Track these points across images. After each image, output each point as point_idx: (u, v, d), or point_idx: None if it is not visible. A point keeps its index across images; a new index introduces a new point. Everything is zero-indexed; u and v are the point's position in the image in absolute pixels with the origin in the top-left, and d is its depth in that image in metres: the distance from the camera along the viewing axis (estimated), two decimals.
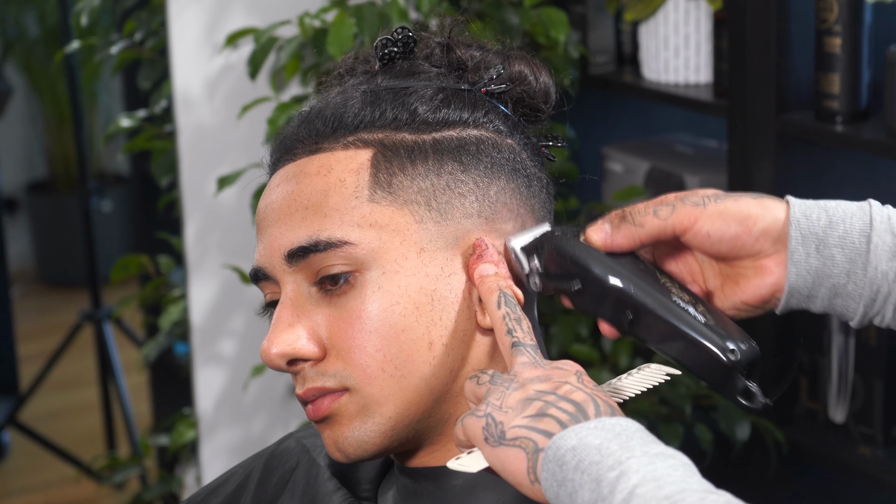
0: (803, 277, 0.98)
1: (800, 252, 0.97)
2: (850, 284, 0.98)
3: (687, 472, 0.82)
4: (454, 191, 1.02)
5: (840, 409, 2.01)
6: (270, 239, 1.02)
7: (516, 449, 0.88)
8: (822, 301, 0.99)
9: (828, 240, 0.97)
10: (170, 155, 2.23)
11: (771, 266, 0.99)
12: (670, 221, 0.99)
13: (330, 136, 1.03)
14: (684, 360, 0.97)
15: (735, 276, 1.01)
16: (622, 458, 0.83)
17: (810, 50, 1.92)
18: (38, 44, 4.62)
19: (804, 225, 0.97)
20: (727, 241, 0.98)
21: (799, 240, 0.97)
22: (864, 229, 0.97)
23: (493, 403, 0.91)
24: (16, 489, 3.51)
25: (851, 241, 0.97)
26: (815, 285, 0.98)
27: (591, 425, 0.86)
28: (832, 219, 0.97)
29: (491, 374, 0.95)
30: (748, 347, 0.96)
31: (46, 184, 4.86)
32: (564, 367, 0.93)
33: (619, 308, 0.99)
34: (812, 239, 0.97)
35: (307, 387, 1.01)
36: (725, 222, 0.98)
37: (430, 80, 1.06)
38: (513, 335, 0.96)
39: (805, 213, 0.98)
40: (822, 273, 0.98)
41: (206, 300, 2.27)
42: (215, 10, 2.16)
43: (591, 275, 0.99)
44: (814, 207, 0.98)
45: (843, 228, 0.97)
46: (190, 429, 2.31)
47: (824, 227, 0.97)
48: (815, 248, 0.97)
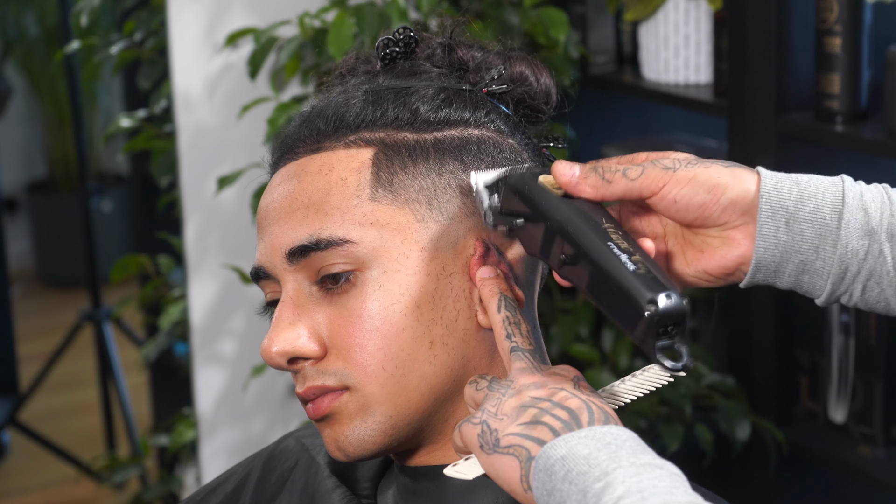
0: (771, 252, 0.96)
1: (769, 226, 0.95)
2: (818, 261, 0.95)
3: (673, 483, 0.82)
4: (456, 190, 1.02)
5: (840, 409, 2.01)
6: (271, 238, 1.02)
7: (510, 457, 0.88)
8: (789, 277, 0.97)
9: (798, 214, 0.95)
10: (170, 155, 2.23)
11: (739, 238, 0.96)
12: (637, 183, 0.96)
13: (331, 136, 1.03)
14: (607, 307, 0.92)
15: (699, 245, 0.98)
16: (609, 468, 0.83)
17: (810, 50, 1.92)
18: (38, 44, 4.62)
19: (775, 198, 0.95)
20: (693, 209, 0.96)
21: (769, 213, 0.95)
22: (836, 205, 0.95)
23: (489, 410, 0.92)
24: (16, 489, 3.51)
25: (822, 216, 0.95)
26: (782, 261, 0.96)
27: (581, 434, 0.86)
28: (804, 193, 0.95)
29: (489, 380, 0.96)
30: (674, 303, 0.89)
31: (46, 184, 4.86)
32: (561, 373, 0.93)
33: (556, 246, 0.95)
34: (782, 213, 0.95)
35: (307, 385, 1.01)
36: (693, 189, 0.95)
37: (431, 80, 1.06)
38: (511, 340, 0.96)
39: (776, 186, 0.95)
40: (790, 248, 0.95)
41: (206, 300, 2.27)
42: (215, 10, 2.16)
43: (535, 210, 0.96)
44: (785, 181, 0.96)
45: (814, 203, 0.95)
46: (190, 429, 2.31)
47: (795, 201, 0.95)
48: (784, 222, 0.95)
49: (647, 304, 0.89)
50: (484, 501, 1.02)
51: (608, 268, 0.92)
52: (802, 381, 2.06)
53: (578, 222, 0.95)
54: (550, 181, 0.98)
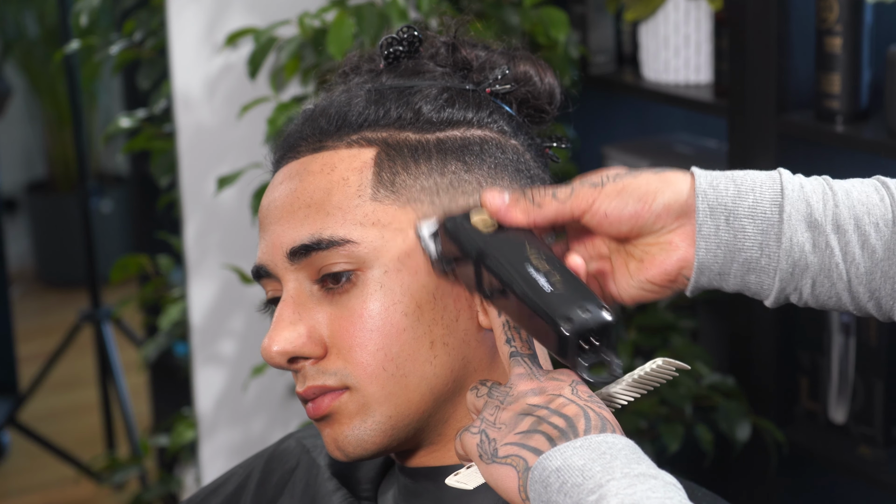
0: (713, 252, 0.93)
1: (708, 225, 0.93)
2: (763, 258, 0.93)
3: (667, 493, 0.82)
4: (457, 190, 1.02)
5: (840, 409, 2.01)
6: (273, 236, 1.02)
7: (508, 467, 0.89)
8: (734, 278, 0.94)
9: (738, 210, 0.93)
10: (169, 155, 2.23)
11: (676, 241, 0.94)
12: (568, 205, 0.96)
13: (334, 135, 1.03)
14: (533, 333, 0.92)
15: (640, 255, 0.96)
16: (602, 480, 0.82)
17: (810, 50, 1.92)
18: (37, 44, 4.62)
19: (711, 196, 0.93)
20: (626, 220, 0.94)
21: (707, 212, 0.93)
22: (776, 198, 0.93)
23: (487, 419, 0.92)
24: (15, 489, 3.51)
25: (763, 210, 0.93)
26: (726, 260, 0.93)
27: (576, 444, 0.86)
28: (741, 188, 0.93)
29: (489, 387, 0.95)
30: (593, 315, 0.88)
31: (46, 184, 4.86)
32: (559, 378, 0.93)
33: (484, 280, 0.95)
34: (721, 210, 0.93)
35: (308, 385, 1.01)
36: (623, 200, 0.94)
37: (434, 80, 1.06)
38: (511, 345, 0.96)
39: (712, 184, 0.93)
40: (733, 247, 0.93)
41: (205, 300, 2.26)
42: (215, 9, 2.16)
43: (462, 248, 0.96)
44: (721, 178, 0.93)
45: (752, 198, 0.93)
46: (189, 429, 2.31)
47: (733, 196, 0.93)
48: (724, 219, 0.93)
49: (563, 322, 0.88)
50: (484, 503, 1.02)
51: (526, 291, 0.91)
52: (802, 381, 2.06)
53: (498, 251, 0.94)
54: (484, 220, 0.97)
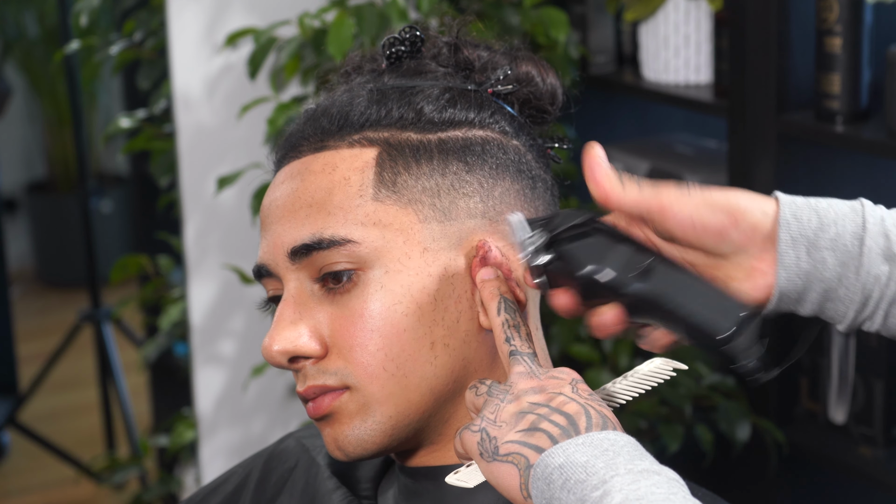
0: (793, 281, 0.94)
1: (790, 255, 0.93)
2: (841, 288, 0.94)
3: (671, 489, 0.82)
4: (459, 191, 1.02)
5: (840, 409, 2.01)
6: (274, 236, 1.02)
7: (509, 465, 0.88)
8: (811, 305, 0.95)
9: (819, 242, 0.93)
10: (169, 155, 2.23)
11: (763, 268, 0.94)
12: (650, 195, 0.94)
13: (335, 134, 1.03)
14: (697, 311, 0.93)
15: (724, 278, 0.96)
16: (606, 476, 0.82)
17: (810, 50, 1.92)
18: (37, 44, 4.62)
19: (794, 227, 0.93)
20: (711, 232, 0.94)
21: (789, 242, 0.93)
22: (857, 231, 0.93)
23: (488, 418, 0.92)
24: (15, 489, 3.51)
25: (843, 243, 0.93)
26: (805, 289, 0.94)
27: (579, 441, 0.86)
28: (823, 220, 0.93)
29: (489, 385, 0.95)
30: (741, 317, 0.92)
31: (46, 184, 4.86)
32: (560, 377, 0.93)
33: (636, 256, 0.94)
34: (802, 241, 0.93)
35: (308, 384, 1.01)
36: (711, 210, 0.93)
37: (436, 80, 1.06)
38: (510, 343, 0.96)
39: (795, 215, 0.94)
40: (812, 277, 0.94)
41: (205, 300, 2.26)
42: (215, 10, 2.16)
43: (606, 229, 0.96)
44: (804, 208, 0.94)
45: (834, 231, 0.93)
46: (189, 429, 2.31)
47: (815, 229, 0.93)
48: (805, 250, 0.93)
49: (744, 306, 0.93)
50: (483, 502, 1.02)
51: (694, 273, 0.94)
52: (802, 381, 2.06)
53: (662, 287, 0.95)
54: None
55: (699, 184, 0.97)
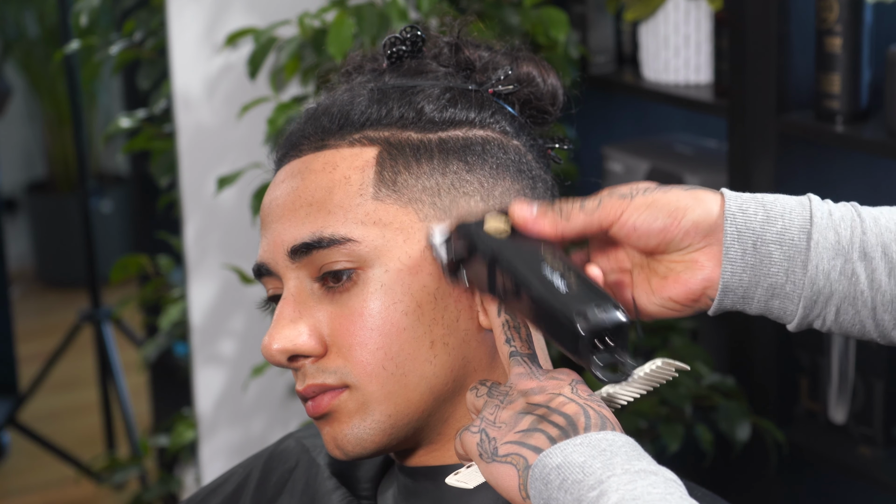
0: (739, 276, 0.93)
1: (735, 248, 0.93)
2: (788, 284, 0.93)
3: (668, 489, 0.82)
4: (459, 190, 1.02)
5: (840, 409, 2.01)
6: (274, 234, 1.02)
7: (508, 466, 0.88)
8: (758, 302, 0.94)
9: (765, 236, 0.93)
10: (169, 155, 2.23)
11: (702, 260, 0.94)
12: (596, 216, 0.95)
13: (336, 134, 1.03)
14: (547, 331, 0.92)
15: (664, 272, 0.96)
16: (603, 476, 0.83)
17: (810, 50, 1.92)
18: (37, 44, 4.62)
19: (740, 220, 0.93)
20: (654, 234, 0.94)
21: (735, 236, 0.93)
22: (804, 225, 0.93)
23: (487, 419, 0.92)
24: (15, 489, 3.51)
25: (791, 237, 0.93)
26: (751, 284, 0.94)
27: (577, 441, 0.86)
28: (770, 213, 0.93)
29: (489, 386, 0.95)
30: (608, 315, 0.89)
31: (46, 184, 4.86)
32: (559, 377, 0.93)
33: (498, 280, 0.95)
34: (748, 235, 0.93)
35: (307, 383, 1.01)
36: (652, 214, 0.94)
37: (437, 80, 1.06)
38: (510, 344, 0.96)
39: (741, 208, 0.93)
40: (759, 271, 0.93)
41: (205, 300, 2.26)
42: (215, 9, 2.16)
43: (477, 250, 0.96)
44: (750, 202, 0.93)
45: (781, 224, 0.93)
46: (189, 429, 2.31)
47: (762, 222, 0.93)
48: (751, 244, 0.93)
49: (577, 318, 0.88)
50: (483, 501, 1.02)
51: (541, 290, 0.91)
52: (802, 381, 2.06)
53: (513, 253, 0.94)
54: (497, 228, 0.97)
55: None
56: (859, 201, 0.97)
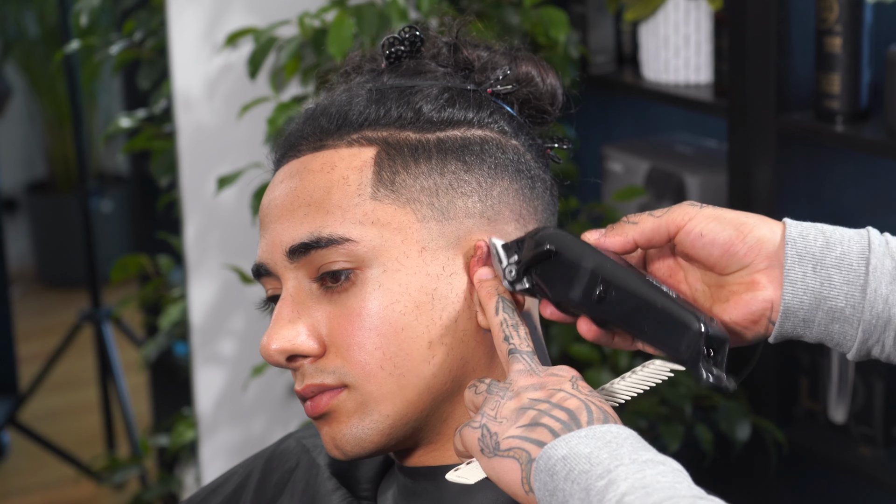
0: (800, 298, 0.95)
1: (796, 271, 0.94)
2: (848, 308, 0.94)
3: (676, 479, 0.82)
4: (457, 190, 1.02)
5: (840, 409, 2.01)
6: (273, 235, 1.02)
7: (510, 460, 0.88)
8: (818, 326, 0.95)
9: (825, 260, 0.94)
10: (169, 155, 2.23)
11: (763, 281, 0.96)
12: (664, 219, 0.97)
13: (334, 134, 1.03)
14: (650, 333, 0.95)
15: (725, 294, 0.97)
16: (611, 466, 0.83)
17: (810, 50, 1.92)
18: (37, 44, 4.62)
19: (800, 244, 0.95)
20: (719, 245, 0.96)
21: (795, 259, 0.94)
22: (863, 252, 0.94)
23: (488, 414, 0.92)
24: (16, 489, 3.51)
25: (849, 262, 0.94)
26: (811, 307, 0.95)
27: (581, 434, 0.86)
28: (829, 240, 0.95)
29: (488, 384, 0.96)
30: (716, 328, 0.93)
31: (46, 184, 4.86)
32: (559, 374, 0.93)
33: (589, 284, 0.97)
34: (808, 258, 0.94)
35: (306, 383, 1.01)
36: (720, 224, 0.96)
37: (436, 80, 1.06)
38: (509, 342, 0.96)
39: (801, 233, 0.95)
40: (819, 294, 0.94)
41: (205, 300, 2.27)
42: (215, 9, 2.16)
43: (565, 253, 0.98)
44: (810, 228, 0.95)
45: (840, 250, 0.94)
46: (190, 429, 2.31)
47: (821, 247, 0.94)
48: (811, 267, 0.94)
49: (697, 324, 0.92)
50: (483, 502, 1.02)
51: (651, 296, 0.95)
52: (802, 381, 2.06)
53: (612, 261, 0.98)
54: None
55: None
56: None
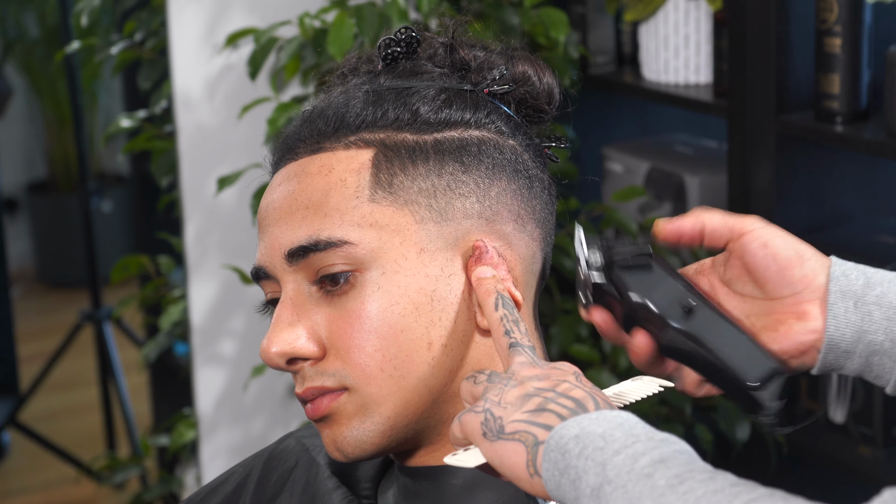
0: (842, 332, 0.99)
1: (839, 306, 0.99)
2: (887, 342, 0.99)
3: (692, 456, 0.83)
4: (455, 191, 1.02)
5: (840, 409, 2.01)
6: (271, 238, 1.02)
7: (515, 443, 0.88)
8: (859, 357, 1.00)
9: (866, 298, 0.99)
10: (170, 155, 2.23)
11: (814, 312, 1.00)
12: (733, 219, 1.01)
13: (331, 136, 1.03)
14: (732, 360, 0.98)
15: (773, 322, 1.01)
16: (628, 442, 0.83)
17: (810, 50, 1.92)
18: (38, 44, 4.62)
19: (843, 283, 0.99)
20: (779, 262, 1.00)
21: (838, 295, 0.99)
22: None
23: (492, 399, 0.91)
24: (16, 489, 3.51)
25: (889, 300, 0.99)
26: (853, 340, 0.99)
27: (592, 416, 0.86)
28: (870, 280, 0.99)
29: (488, 374, 0.95)
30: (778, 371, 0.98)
31: (46, 184, 4.86)
32: (562, 368, 0.93)
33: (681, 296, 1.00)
34: (850, 295, 0.99)
35: (306, 386, 1.01)
36: (785, 243, 1.00)
37: (432, 81, 1.06)
38: (510, 336, 0.96)
39: (844, 273, 1.00)
40: (860, 328, 0.99)
41: (206, 300, 2.27)
42: (215, 10, 2.16)
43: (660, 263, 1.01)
44: (852, 269, 1.00)
45: (880, 290, 0.99)
46: (190, 429, 2.31)
47: (862, 286, 0.99)
48: (853, 304, 0.99)
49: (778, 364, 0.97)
50: (483, 501, 1.02)
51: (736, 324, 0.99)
52: (802, 381, 2.06)
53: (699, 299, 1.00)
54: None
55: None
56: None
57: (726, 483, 0.79)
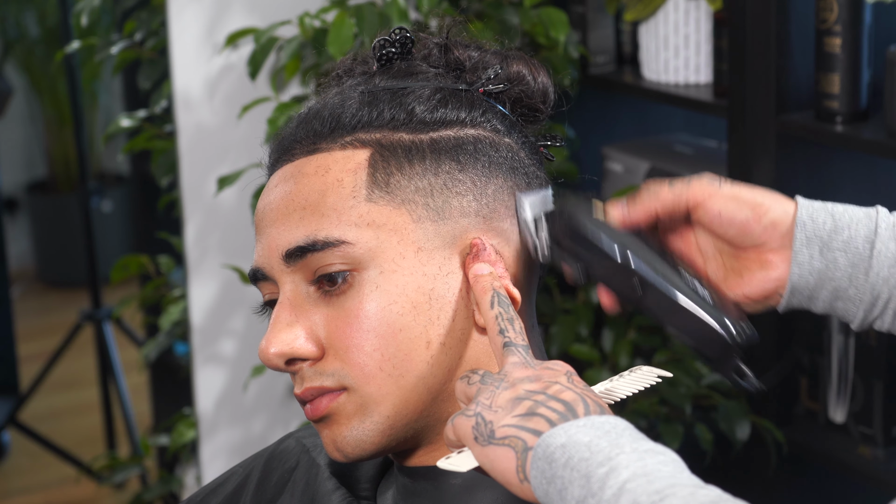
0: (805, 278, 1.01)
1: (804, 253, 1.00)
2: (851, 288, 1.00)
3: (677, 468, 0.82)
4: (452, 190, 1.02)
5: (840, 409, 2.01)
6: (269, 239, 1.02)
7: (505, 448, 0.88)
8: (823, 303, 1.02)
9: (832, 243, 1.00)
10: (170, 155, 2.23)
11: (776, 261, 1.01)
12: (685, 195, 1.02)
13: (328, 137, 1.03)
14: (688, 335, 1.00)
15: (739, 269, 1.03)
16: (612, 454, 0.83)
17: (810, 50, 1.92)
18: (38, 44, 4.62)
19: (809, 227, 1.00)
20: (736, 225, 1.01)
21: (803, 241, 1.00)
22: (869, 236, 0.99)
23: (483, 403, 0.91)
24: (16, 489, 3.51)
25: (855, 246, 0.99)
26: (816, 287, 1.01)
27: (580, 423, 0.86)
28: (838, 223, 1.00)
29: (482, 374, 0.95)
30: (749, 331, 0.99)
31: (46, 184, 4.86)
32: (555, 368, 0.93)
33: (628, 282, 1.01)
34: (816, 241, 1.00)
35: (305, 386, 1.01)
36: (738, 205, 1.01)
37: (427, 81, 1.06)
38: (504, 335, 0.96)
39: (811, 216, 1.00)
40: (824, 275, 1.00)
41: (206, 300, 2.27)
42: (215, 10, 2.16)
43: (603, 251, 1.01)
44: (820, 210, 1.00)
45: (847, 234, 1.00)
46: (190, 429, 2.31)
47: (829, 231, 1.00)
48: (818, 250, 1.00)
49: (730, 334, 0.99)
50: (482, 501, 1.02)
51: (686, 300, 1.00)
52: (802, 381, 2.06)
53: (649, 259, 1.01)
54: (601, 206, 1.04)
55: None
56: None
57: (707, 499, 0.78)
